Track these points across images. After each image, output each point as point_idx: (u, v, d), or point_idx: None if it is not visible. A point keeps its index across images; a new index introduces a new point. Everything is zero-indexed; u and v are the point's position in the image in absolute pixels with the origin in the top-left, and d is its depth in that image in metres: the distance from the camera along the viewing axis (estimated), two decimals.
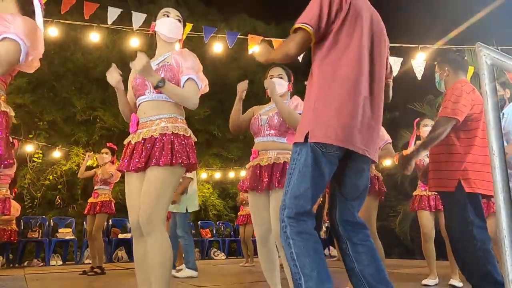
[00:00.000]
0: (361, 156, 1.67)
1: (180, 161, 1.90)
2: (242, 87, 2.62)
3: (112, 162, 5.17)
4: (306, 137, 1.59)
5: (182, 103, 2.01)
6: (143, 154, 1.92)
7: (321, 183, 1.61)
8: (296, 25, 1.63)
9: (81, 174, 5.38)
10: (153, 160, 1.88)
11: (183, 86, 1.98)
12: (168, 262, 1.88)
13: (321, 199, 6.47)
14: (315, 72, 1.68)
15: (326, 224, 8.19)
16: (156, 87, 1.89)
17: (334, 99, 1.60)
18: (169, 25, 2.10)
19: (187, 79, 1.98)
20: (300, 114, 2.50)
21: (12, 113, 1.78)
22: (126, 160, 1.99)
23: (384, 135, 3.14)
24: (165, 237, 1.89)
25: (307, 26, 1.60)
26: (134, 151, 1.97)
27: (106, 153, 5.15)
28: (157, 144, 1.91)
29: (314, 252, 1.54)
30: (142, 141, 1.95)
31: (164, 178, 1.89)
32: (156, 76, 1.88)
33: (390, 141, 3.12)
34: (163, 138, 1.92)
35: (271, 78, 2.63)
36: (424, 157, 3.87)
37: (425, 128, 3.91)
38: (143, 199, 1.89)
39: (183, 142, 1.96)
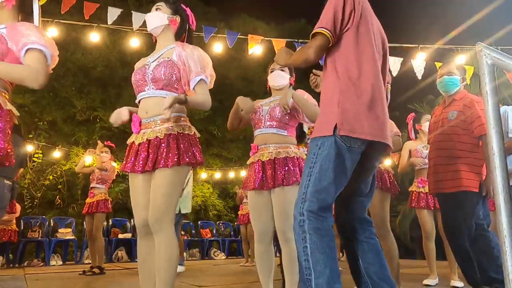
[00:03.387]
0: (376, 153, 1.71)
1: (187, 160, 1.91)
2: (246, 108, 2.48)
3: (114, 161, 5.18)
4: (334, 130, 1.59)
5: (201, 108, 2.04)
6: (150, 156, 1.92)
7: (343, 178, 1.62)
8: (314, 31, 1.67)
9: (79, 169, 5.30)
10: (161, 162, 1.89)
11: (194, 88, 1.99)
12: (174, 261, 1.89)
13: None
14: (337, 69, 1.69)
15: None
16: (181, 103, 1.92)
17: (359, 93, 1.63)
18: (147, 19, 2.13)
19: (199, 81, 1.98)
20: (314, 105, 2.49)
21: (16, 113, 1.81)
22: (130, 161, 1.99)
23: (393, 127, 3.16)
24: (173, 236, 1.91)
25: (324, 30, 1.64)
26: (139, 152, 1.97)
27: (106, 152, 5.15)
28: (163, 145, 1.92)
29: (329, 251, 1.53)
30: (147, 142, 1.95)
31: (172, 178, 1.91)
32: (177, 98, 1.87)
33: (400, 134, 3.14)
34: (169, 138, 1.93)
35: (272, 72, 2.62)
36: (422, 148, 3.90)
37: (427, 123, 3.91)
38: (152, 200, 1.91)
39: (188, 141, 1.97)
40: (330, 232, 1.57)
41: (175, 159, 1.88)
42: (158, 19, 2.09)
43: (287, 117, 2.50)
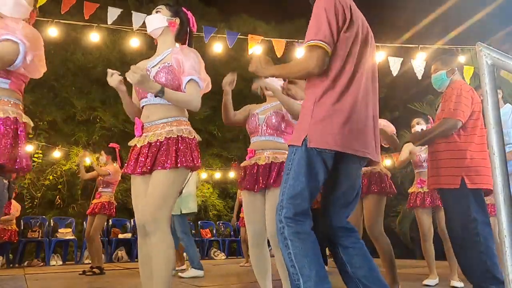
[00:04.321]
0: (355, 160, 1.69)
1: (185, 164, 1.94)
2: (227, 81, 2.56)
3: (120, 163, 5.16)
4: (304, 141, 1.59)
5: (185, 107, 2.04)
6: (149, 158, 1.95)
7: (316, 182, 1.61)
8: (312, 43, 1.59)
9: (83, 176, 5.38)
10: (160, 164, 1.92)
11: (185, 87, 1.99)
12: (170, 261, 1.90)
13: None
14: (317, 78, 1.67)
15: None
16: (156, 96, 1.92)
17: (332, 104, 1.61)
18: (147, 21, 2.16)
19: (189, 80, 1.98)
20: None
21: (31, 124, 1.91)
22: (132, 163, 2.03)
23: (390, 127, 3.14)
24: (168, 236, 1.92)
25: (324, 44, 1.58)
26: (140, 155, 2.00)
27: (101, 155, 5.18)
28: (163, 147, 1.95)
29: (313, 253, 1.54)
30: (148, 145, 1.98)
31: (169, 179, 1.93)
32: (153, 86, 1.89)
33: (395, 132, 3.14)
34: (169, 141, 1.95)
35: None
36: (420, 152, 3.90)
37: (417, 126, 3.94)
38: (148, 200, 1.92)
39: (188, 145, 1.99)
40: (311, 235, 1.57)
41: (173, 161, 1.91)
42: (157, 21, 2.13)
43: (283, 125, 2.53)
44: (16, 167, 1.78)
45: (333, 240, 1.75)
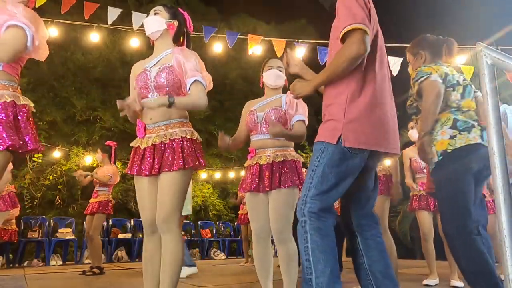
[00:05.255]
0: (381, 155, 1.73)
1: (192, 164, 1.97)
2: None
3: (113, 161, 5.13)
4: (339, 140, 1.59)
5: (194, 109, 2.07)
6: (156, 160, 1.98)
7: (346, 182, 1.63)
8: (351, 27, 1.55)
9: (83, 183, 5.32)
10: (167, 166, 1.95)
11: (189, 88, 2.02)
12: (180, 261, 1.94)
13: None
14: (347, 75, 1.64)
15: None
16: (169, 107, 1.95)
17: (366, 102, 1.62)
18: (146, 24, 2.16)
19: (193, 81, 2.01)
20: (302, 120, 2.49)
21: (31, 104, 1.90)
22: (136, 165, 2.04)
23: None
24: (179, 236, 1.96)
25: (363, 25, 1.55)
26: (145, 156, 2.02)
27: (97, 153, 5.16)
28: (168, 149, 1.97)
29: (330, 250, 1.55)
30: (152, 147, 2.00)
31: (178, 181, 1.97)
32: (163, 100, 1.94)
33: None
34: (173, 143, 1.98)
35: (270, 69, 2.60)
36: (418, 158, 3.90)
37: (411, 130, 3.95)
38: (159, 202, 1.97)
39: (192, 145, 2.02)
40: (331, 233, 1.59)
41: (181, 163, 1.94)
42: (156, 23, 2.13)
43: (281, 122, 2.52)
44: (29, 148, 1.79)
45: (354, 230, 1.77)
